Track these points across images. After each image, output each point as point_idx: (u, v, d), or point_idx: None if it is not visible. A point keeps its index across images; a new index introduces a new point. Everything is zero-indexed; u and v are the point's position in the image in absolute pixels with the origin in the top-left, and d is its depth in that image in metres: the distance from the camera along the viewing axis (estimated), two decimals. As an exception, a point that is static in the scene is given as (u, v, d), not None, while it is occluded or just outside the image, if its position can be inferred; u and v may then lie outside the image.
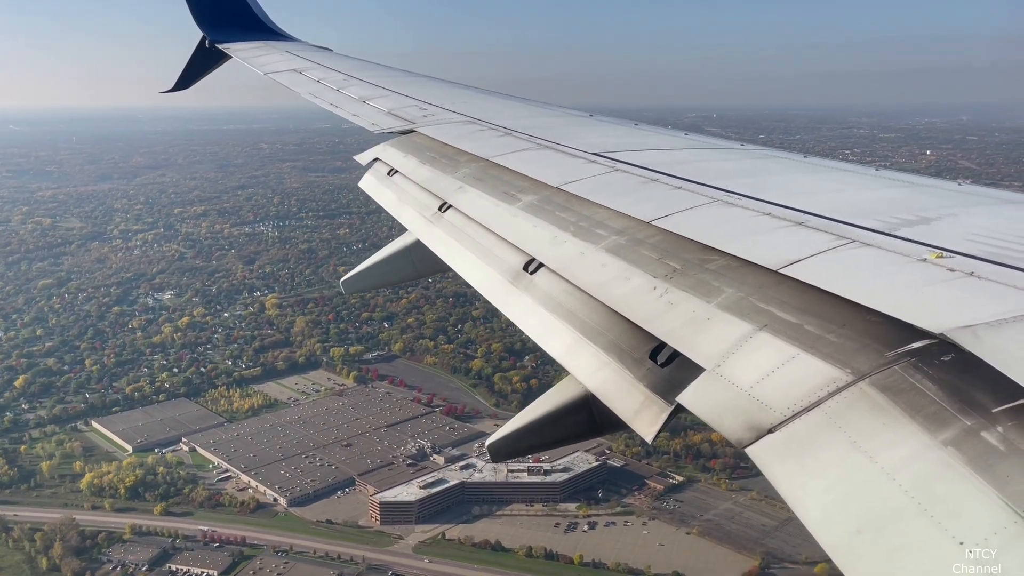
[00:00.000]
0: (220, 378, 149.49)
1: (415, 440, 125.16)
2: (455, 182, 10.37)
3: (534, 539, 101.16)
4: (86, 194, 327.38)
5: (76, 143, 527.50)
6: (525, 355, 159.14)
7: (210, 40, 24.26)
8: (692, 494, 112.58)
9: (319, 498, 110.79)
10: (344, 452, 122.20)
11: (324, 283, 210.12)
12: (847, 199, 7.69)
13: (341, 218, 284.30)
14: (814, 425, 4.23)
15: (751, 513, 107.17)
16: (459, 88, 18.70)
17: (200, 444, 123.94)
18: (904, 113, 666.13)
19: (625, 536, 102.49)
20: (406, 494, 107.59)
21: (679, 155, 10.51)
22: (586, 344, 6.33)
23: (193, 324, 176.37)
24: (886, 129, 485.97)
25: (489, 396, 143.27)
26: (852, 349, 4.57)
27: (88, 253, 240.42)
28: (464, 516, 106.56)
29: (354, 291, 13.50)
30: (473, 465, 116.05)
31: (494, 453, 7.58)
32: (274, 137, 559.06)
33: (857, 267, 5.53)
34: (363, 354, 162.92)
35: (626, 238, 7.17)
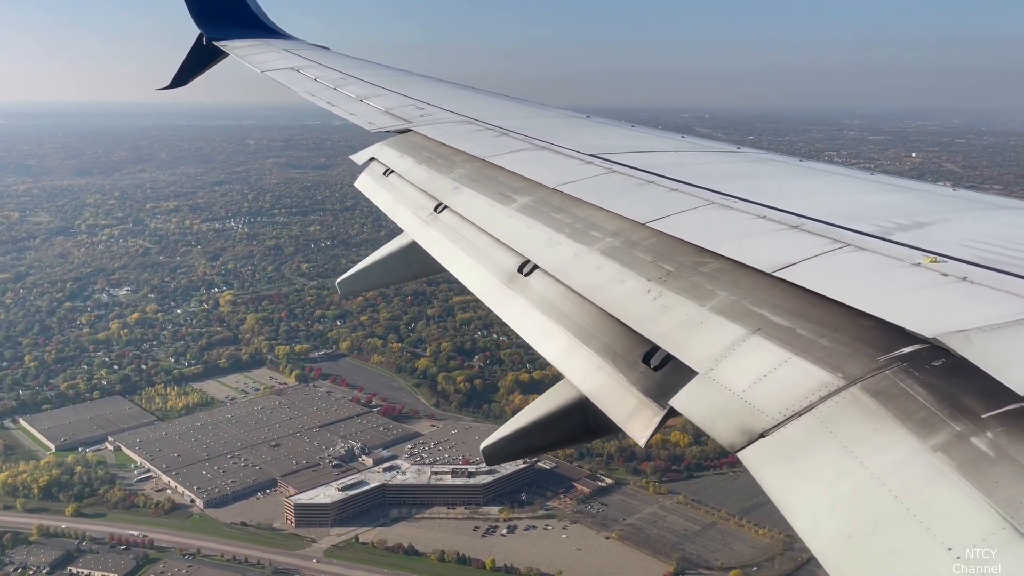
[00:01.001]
0: (159, 376, 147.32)
1: (345, 441, 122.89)
2: (451, 182, 10.30)
3: (450, 543, 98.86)
4: (61, 189, 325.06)
5: (62, 138, 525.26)
6: (475, 355, 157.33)
7: (207, 38, 24.00)
8: (619, 497, 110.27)
9: (238, 499, 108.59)
10: (271, 452, 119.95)
11: (285, 280, 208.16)
12: (843, 203, 7.70)
13: (314, 215, 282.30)
14: (806, 430, 4.22)
15: (675, 517, 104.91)
16: (457, 88, 18.78)
17: (126, 443, 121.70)
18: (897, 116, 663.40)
19: (543, 540, 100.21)
20: (323, 496, 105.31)
21: (676, 157, 10.60)
22: (580, 347, 6.29)
23: (143, 321, 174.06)
24: (876, 131, 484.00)
25: (431, 396, 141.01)
26: (844, 353, 4.57)
27: (52, 248, 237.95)
28: (382, 519, 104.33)
29: (349, 292, 13.42)
30: (397, 467, 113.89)
31: (488, 457, 7.47)
32: (262, 133, 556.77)
33: (851, 271, 5.52)
34: (309, 352, 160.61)
35: (621, 240, 7.12)
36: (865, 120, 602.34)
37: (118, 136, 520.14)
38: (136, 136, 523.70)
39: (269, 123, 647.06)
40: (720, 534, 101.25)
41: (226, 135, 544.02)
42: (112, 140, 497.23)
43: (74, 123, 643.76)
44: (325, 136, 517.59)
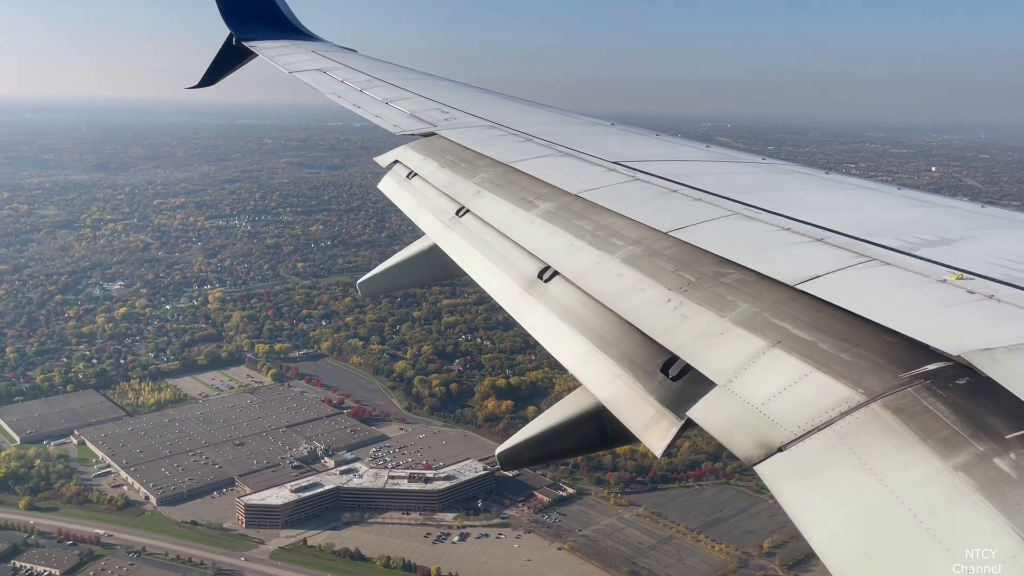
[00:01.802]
0: (136, 371, 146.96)
1: (310, 442, 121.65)
2: (473, 187, 10.27)
3: (399, 549, 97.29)
4: (74, 183, 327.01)
5: (84, 133, 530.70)
6: (456, 359, 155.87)
7: (237, 38, 24.11)
8: (578, 507, 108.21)
9: (193, 498, 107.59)
10: (233, 451, 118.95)
11: (278, 279, 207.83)
12: (868, 217, 7.66)
13: (319, 215, 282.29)
14: (825, 445, 4.18)
15: (632, 530, 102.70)
16: (482, 92, 18.67)
17: (91, 438, 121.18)
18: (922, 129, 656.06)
19: (494, 549, 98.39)
20: (275, 497, 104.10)
21: (700, 167, 10.46)
22: (598, 355, 6.27)
23: (130, 315, 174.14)
24: (899, 144, 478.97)
25: (405, 399, 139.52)
26: (866, 369, 4.52)
27: (54, 241, 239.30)
28: (334, 522, 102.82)
29: (369, 294, 13.93)
30: (355, 470, 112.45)
31: (504, 462, 7.43)
32: (282, 133, 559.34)
33: (876, 286, 5.48)
34: (289, 352, 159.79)
35: (642, 248, 7.08)
36: (890, 133, 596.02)
37: (140, 133, 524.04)
38: (157, 133, 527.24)
39: (291, 123, 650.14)
40: (676, 548, 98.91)
41: (245, 134, 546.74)
42: (133, 136, 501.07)
43: (99, 119, 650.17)
44: (343, 138, 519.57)
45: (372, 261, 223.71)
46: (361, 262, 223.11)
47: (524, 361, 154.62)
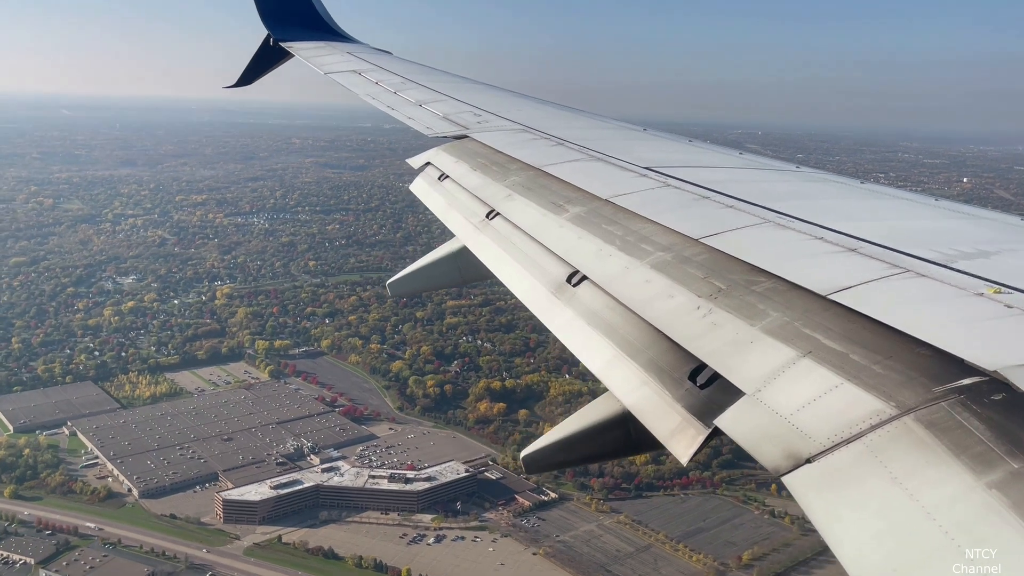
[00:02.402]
0: (136, 364, 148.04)
1: (297, 439, 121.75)
2: (504, 190, 10.31)
3: (373, 548, 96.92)
4: (101, 178, 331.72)
5: (118, 130, 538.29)
6: (454, 360, 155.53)
7: (274, 38, 24.46)
8: (559, 512, 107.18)
9: (175, 491, 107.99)
10: (221, 446, 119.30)
11: (289, 276, 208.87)
12: (904, 227, 7.58)
13: (337, 214, 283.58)
14: (854, 458, 4.15)
15: (611, 537, 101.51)
16: (514, 96, 18.77)
17: (82, 429, 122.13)
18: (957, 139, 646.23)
19: (468, 552, 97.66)
20: (254, 493, 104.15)
21: (732, 173, 10.42)
22: (625, 361, 6.23)
23: (137, 309, 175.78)
24: (932, 155, 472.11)
25: (398, 399, 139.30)
26: (898, 382, 4.47)
27: (75, 234, 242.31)
28: (311, 520, 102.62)
29: (399, 294, 14.19)
30: (337, 468, 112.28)
31: (528, 465, 7.39)
32: (311, 133, 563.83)
33: (910, 297, 5.42)
34: (289, 349, 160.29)
35: (672, 255, 7.07)
36: (924, 143, 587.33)
37: (171, 131, 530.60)
38: (188, 131, 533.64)
39: (321, 124, 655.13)
40: (653, 557, 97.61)
41: (275, 134, 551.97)
42: (164, 134, 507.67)
43: (134, 117, 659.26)
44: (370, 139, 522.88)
45: (384, 261, 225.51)
46: (373, 262, 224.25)
47: (522, 364, 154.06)
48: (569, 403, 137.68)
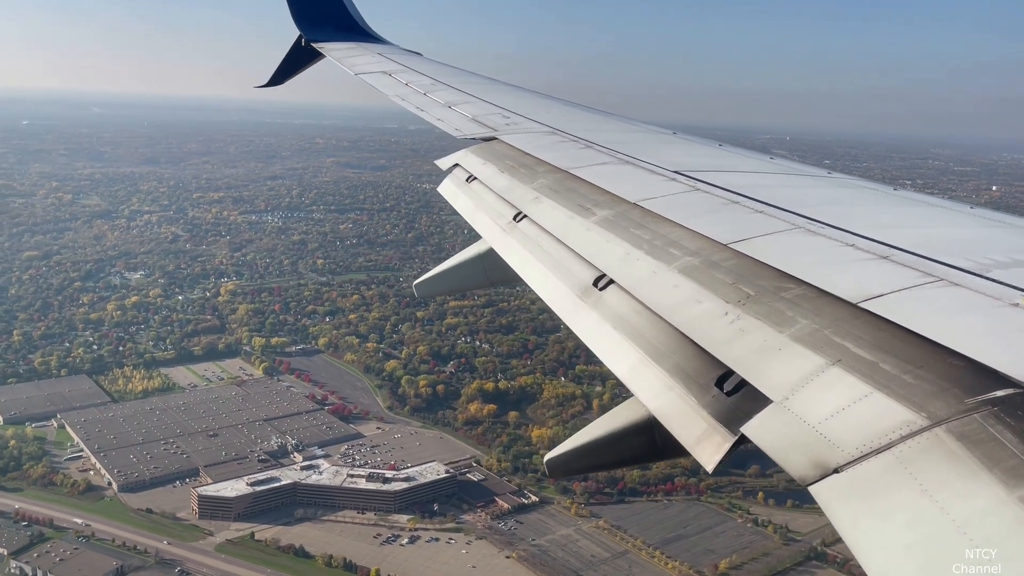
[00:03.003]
0: (131, 358, 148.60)
1: (283, 436, 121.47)
2: (532, 192, 10.27)
3: (345, 548, 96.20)
4: (122, 175, 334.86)
5: (146, 128, 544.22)
6: (450, 360, 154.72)
7: (306, 39, 24.61)
8: (538, 516, 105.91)
9: (155, 486, 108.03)
10: (205, 442, 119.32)
11: (296, 274, 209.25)
12: (938, 235, 7.51)
13: (351, 213, 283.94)
14: (883, 469, 4.10)
15: (587, 542, 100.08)
16: (543, 98, 18.76)
17: (71, 422, 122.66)
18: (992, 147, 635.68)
19: (441, 554, 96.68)
20: (230, 489, 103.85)
21: (762, 179, 10.30)
22: (651, 366, 6.20)
23: (141, 304, 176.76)
24: (964, 162, 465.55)
25: (389, 399, 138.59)
26: (929, 392, 4.40)
27: (90, 230, 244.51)
28: (287, 518, 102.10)
29: (425, 295, 13.78)
30: (316, 466, 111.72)
31: (552, 469, 7.41)
32: (336, 133, 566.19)
33: (943, 306, 5.35)
34: (286, 346, 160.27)
35: (700, 259, 6.99)
36: (956, 150, 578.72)
37: (198, 129, 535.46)
38: (214, 130, 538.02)
39: (348, 124, 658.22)
40: (627, 564, 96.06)
41: (300, 133, 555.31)
42: (190, 133, 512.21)
43: (164, 115, 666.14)
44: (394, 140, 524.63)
45: (392, 261, 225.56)
46: (382, 261, 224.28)
47: (518, 366, 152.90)
48: (562, 406, 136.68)
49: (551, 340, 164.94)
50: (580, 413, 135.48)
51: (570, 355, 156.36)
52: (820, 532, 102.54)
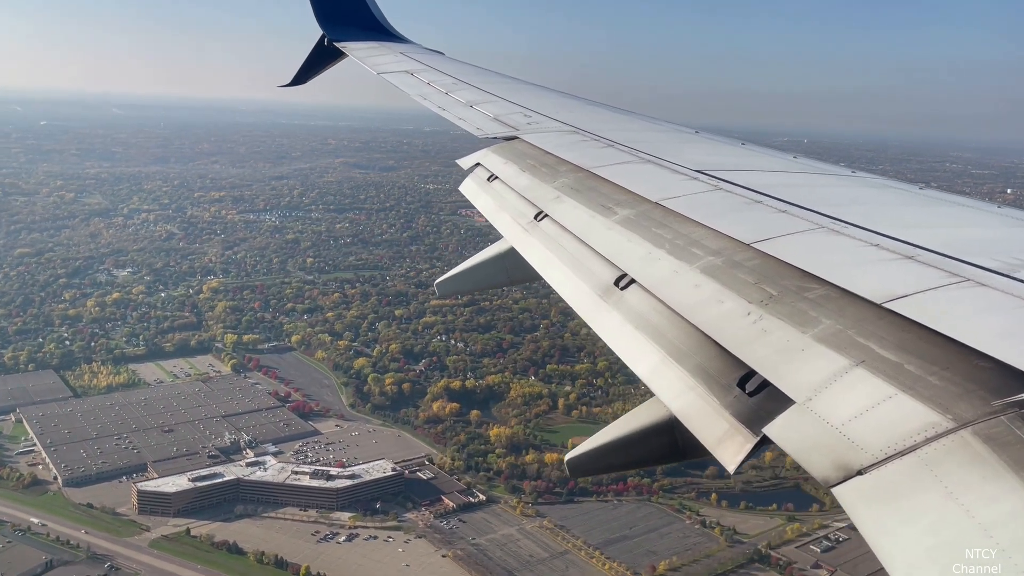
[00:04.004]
0: (102, 354, 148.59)
1: (238, 433, 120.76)
2: (552, 191, 10.26)
3: (280, 545, 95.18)
4: (129, 174, 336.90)
5: (162, 128, 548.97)
6: (422, 358, 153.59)
7: (329, 38, 24.72)
8: (483, 515, 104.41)
9: (101, 480, 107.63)
10: (159, 437, 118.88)
11: (283, 272, 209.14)
12: (963, 235, 7.47)
13: (350, 213, 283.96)
14: (908, 471, 4.07)
15: (528, 542, 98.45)
16: (565, 97, 18.80)
17: (28, 416, 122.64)
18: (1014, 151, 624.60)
19: (377, 552, 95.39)
20: (171, 485, 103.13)
21: (785, 178, 10.24)
22: (673, 366, 6.18)
23: (121, 301, 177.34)
24: (982, 166, 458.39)
25: (353, 397, 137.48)
26: (955, 394, 4.36)
27: (87, 228, 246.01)
28: (227, 514, 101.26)
29: (447, 294, 13.59)
30: (262, 463, 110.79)
31: (573, 469, 7.40)
32: (350, 134, 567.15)
33: (969, 307, 5.29)
34: (259, 343, 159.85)
35: (722, 259, 6.94)
36: (976, 153, 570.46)
37: (212, 130, 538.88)
38: (229, 131, 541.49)
39: (364, 125, 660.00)
40: (565, 564, 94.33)
41: (314, 134, 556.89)
42: (204, 133, 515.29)
43: (182, 116, 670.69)
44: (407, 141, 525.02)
45: (383, 260, 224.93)
46: (372, 260, 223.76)
47: (489, 365, 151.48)
48: (527, 405, 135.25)
49: (527, 339, 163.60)
50: (544, 413, 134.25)
51: (544, 354, 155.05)
52: (767, 535, 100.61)
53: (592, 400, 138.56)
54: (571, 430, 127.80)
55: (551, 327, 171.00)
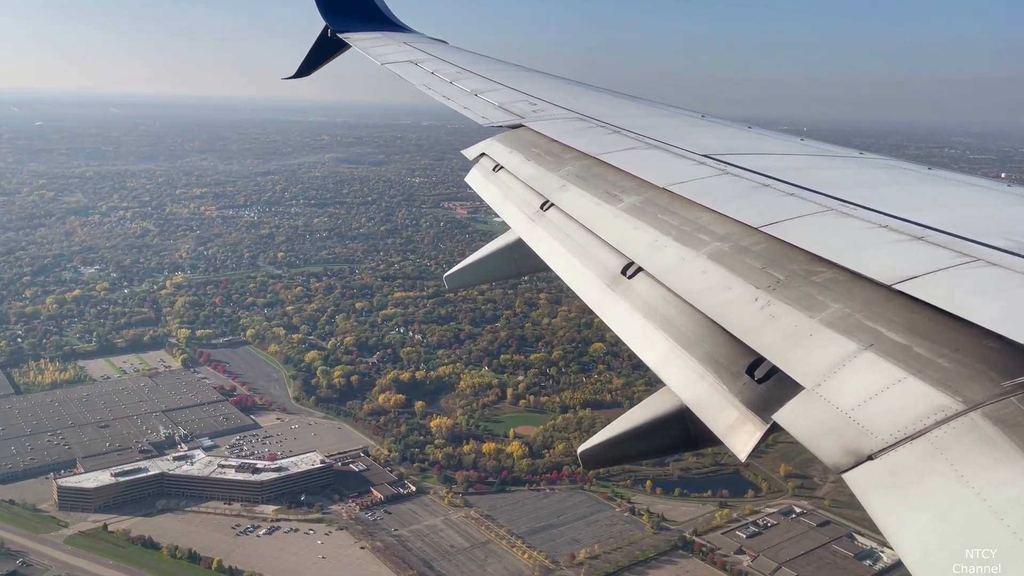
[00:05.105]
0: (51, 351, 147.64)
1: (174, 427, 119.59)
2: (558, 180, 10.22)
3: (198, 539, 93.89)
4: (115, 172, 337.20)
5: (157, 126, 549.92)
6: (377, 351, 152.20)
7: (332, 29, 24.60)
8: (411, 506, 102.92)
9: (28, 477, 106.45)
10: (94, 433, 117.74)
11: (253, 267, 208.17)
12: (973, 215, 7.33)
13: (330, 207, 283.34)
14: (918, 455, 4.05)
15: (452, 532, 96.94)
16: (570, 84, 18.75)
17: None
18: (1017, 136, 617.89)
19: (295, 545, 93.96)
20: (93, 480, 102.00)
21: (793, 160, 10.21)
22: (682, 354, 6.19)
23: (82, 298, 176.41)
24: (982, 151, 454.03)
25: (300, 390, 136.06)
26: (965, 376, 4.32)
27: (63, 226, 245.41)
28: (148, 509, 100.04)
29: (456, 287, 13.22)
30: (190, 457, 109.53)
31: (586, 461, 7.39)
32: (345, 130, 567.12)
33: (980, 287, 5.26)
34: (212, 338, 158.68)
35: (730, 244, 6.91)
36: (977, 139, 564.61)
37: (206, 127, 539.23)
38: (224, 128, 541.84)
39: (363, 120, 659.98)
40: (485, 554, 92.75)
41: (308, 131, 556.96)
42: (197, 131, 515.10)
43: (179, 115, 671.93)
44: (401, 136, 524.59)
45: (357, 253, 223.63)
46: (346, 254, 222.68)
47: (444, 356, 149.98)
48: (476, 396, 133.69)
49: (486, 330, 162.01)
50: (493, 403, 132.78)
51: (501, 345, 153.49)
52: (695, 521, 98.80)
53: (542, 389, 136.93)
54: (516, 419, 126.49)
55: (513, 317, 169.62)
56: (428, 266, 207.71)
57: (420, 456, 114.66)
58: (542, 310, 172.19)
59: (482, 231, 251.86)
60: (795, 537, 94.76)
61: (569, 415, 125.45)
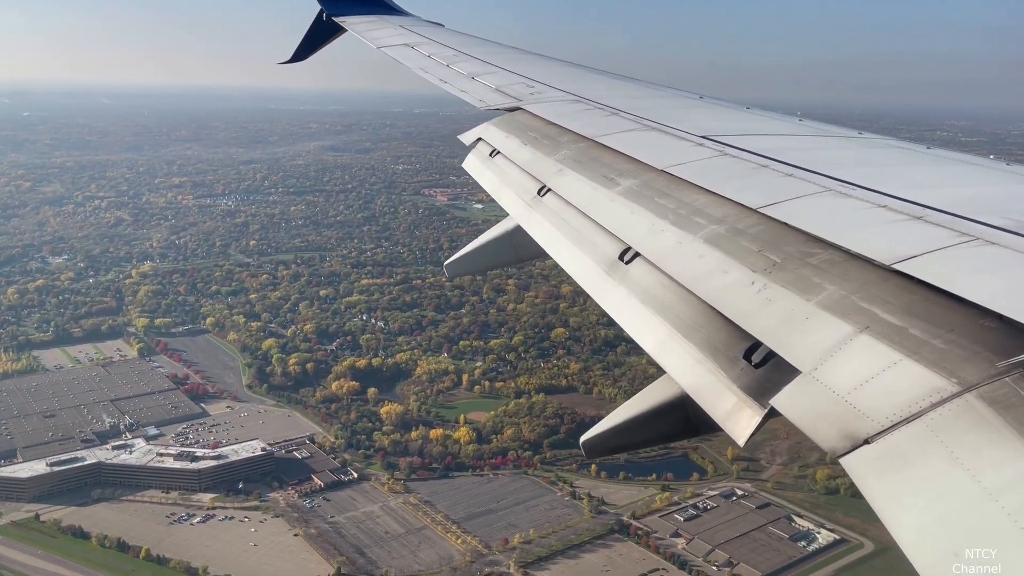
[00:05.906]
0: (5, 341, 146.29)
1: (120, 416, 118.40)
2: (555, 164, 10.09)
3: (130, 528, 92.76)
4: (96, 162, 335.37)
5: (145, 116, 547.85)
6: (336, 338, 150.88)
7: (327, 13, 24.43)
8: (350, 493, 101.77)
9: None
10: (38, 423, 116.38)
11: (224, 256, 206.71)
12: (973, 194, 7.30)
13: (309, 195, 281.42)
14: (914, 438, 4.05)
15: (388, 519, 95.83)
16: (568, 66, 18.53)
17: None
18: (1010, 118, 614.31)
19: (228, 533, 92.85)
20: (27, 470, 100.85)
21: (792, 141, 10.14)
22: (680, 340, 6.15)
23: (45, 288, 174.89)
24: (975, 133, 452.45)
25: (254, 378, 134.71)
26: (960, 357, 4.30)
27: (36, 216, 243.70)
28: (84, 499, 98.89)
29: (456, 275, 13.31)
30: (130, 446, 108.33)
31: (588, 450, 7.39)
32: (335, 118, 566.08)
33: (978, 266, 5.25)
34: (171, 326, 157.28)
35: (726, 227, 6.88)
36: (969, 121, 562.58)
37: (194, 117, 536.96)
38: (212, 117, 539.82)
39: (354, 108, 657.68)
40: (420, 539, 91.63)
41: (298, 119, 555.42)
42: (186, 120, 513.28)
43: (169, 104, 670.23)
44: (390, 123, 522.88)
45: (330, 241, 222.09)
46: (319, 242, 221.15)
47: (403, 343, 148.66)
48: (431, 382, 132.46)
49: (450, 316, 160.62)
50: (448, 389, 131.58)
51: (463, 331, 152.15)
52: (635, 505, 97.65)
53: (498, 375, 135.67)
54: (470, 405, 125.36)
55: (479, 303, 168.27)
56: (400, 253, 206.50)
57: (366, 443, 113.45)
58: (508, 296, 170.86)
59: (460, 218, 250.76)
60: (733, 519, 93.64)
61: (522, 400, 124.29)
